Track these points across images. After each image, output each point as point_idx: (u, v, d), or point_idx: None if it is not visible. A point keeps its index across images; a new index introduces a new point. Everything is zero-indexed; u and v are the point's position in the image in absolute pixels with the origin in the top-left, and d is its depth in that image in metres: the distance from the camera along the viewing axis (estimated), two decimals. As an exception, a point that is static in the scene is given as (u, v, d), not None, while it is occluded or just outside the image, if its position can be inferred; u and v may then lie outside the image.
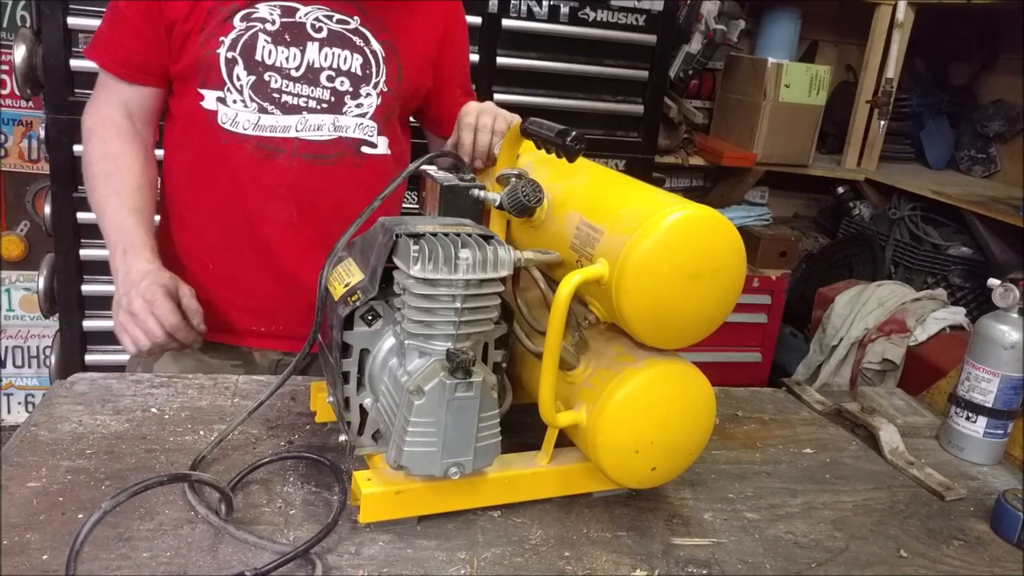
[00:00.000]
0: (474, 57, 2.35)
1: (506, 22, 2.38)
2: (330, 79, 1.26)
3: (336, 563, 0.84)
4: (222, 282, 1.31)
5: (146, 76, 1.27)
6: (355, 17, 1.27)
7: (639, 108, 2.61)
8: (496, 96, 2.40)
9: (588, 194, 0.95)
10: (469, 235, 0.86)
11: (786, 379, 1.51)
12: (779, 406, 1.36)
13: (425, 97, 1.41)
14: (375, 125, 1.30)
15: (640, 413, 0.90)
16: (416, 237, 0.84)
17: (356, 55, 1.27)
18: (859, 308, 2.55)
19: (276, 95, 1.24)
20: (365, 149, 1.29)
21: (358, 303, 0.89)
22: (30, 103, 2.60)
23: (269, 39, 1.22)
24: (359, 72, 1.27)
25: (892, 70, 3.01)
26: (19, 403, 2.84)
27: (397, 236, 0.86)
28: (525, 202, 0.95)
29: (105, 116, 1.28)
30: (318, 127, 1.25)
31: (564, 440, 0.96)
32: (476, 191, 1.02)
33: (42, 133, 2.11)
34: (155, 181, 1.30)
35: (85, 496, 0.89)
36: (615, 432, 0.89)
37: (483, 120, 1.24)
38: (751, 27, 3.29)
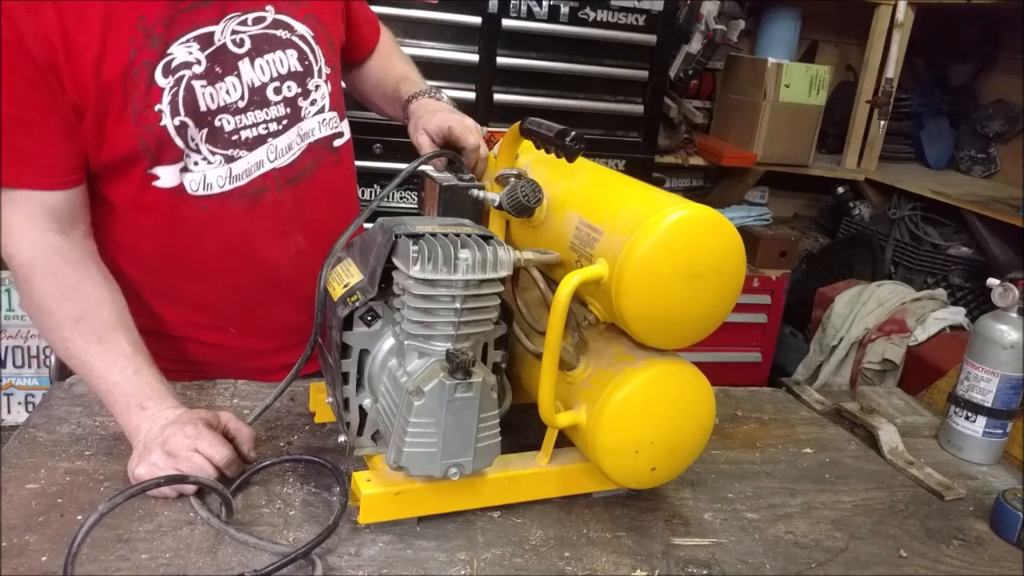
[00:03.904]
0: (474, 57, 2.36)
1: (506, 22, 2.38)
2: (277, 91, 1.12)
3: (336, 564, 0.84)
4: (248, 338, 1.22)
5: (77, 176, 1.05)
6: (267, 7, 1.11)
7: (639, 108, 2.61)
8: (496, 96, 2.40)
9: (588, 194, 0.95)
10: (468, 235, 0.86)
11: (786, 379, 1.51)
12: (779, 406, 1.36)
13: None
14: (335, 113, 1.21)
15: (640, 413, 0.90)
16: (415, 237, 0.84)
17: (289, 51, 1.13)
18: (859, 308, 2.55)
19: (234, 136, 1.10)
20: (336, 142, 1.22)
21: (357, 304, 0.89)
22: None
23: (204, 82, 1.06)
24: (299, 67, 1.14)
25: (892, 70, 3.01)
26: (19, 403, 2.84)
27: (396, 236, 0.86)
28: (524, 202, 0.95)
29: (38, 243, 1.01)
30: (288, 147, 1.15)
31: (564, 440, 0.96)
32: (475, 191, 1.02)
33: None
34: (122, 299, 1.05)
35: (84, 497, 0.89)
36: (615, 432, 0.89)
37: (483, 150, 1.17)
38: (751, 27, 3.29)
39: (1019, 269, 2.72)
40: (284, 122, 1.14)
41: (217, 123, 1.08)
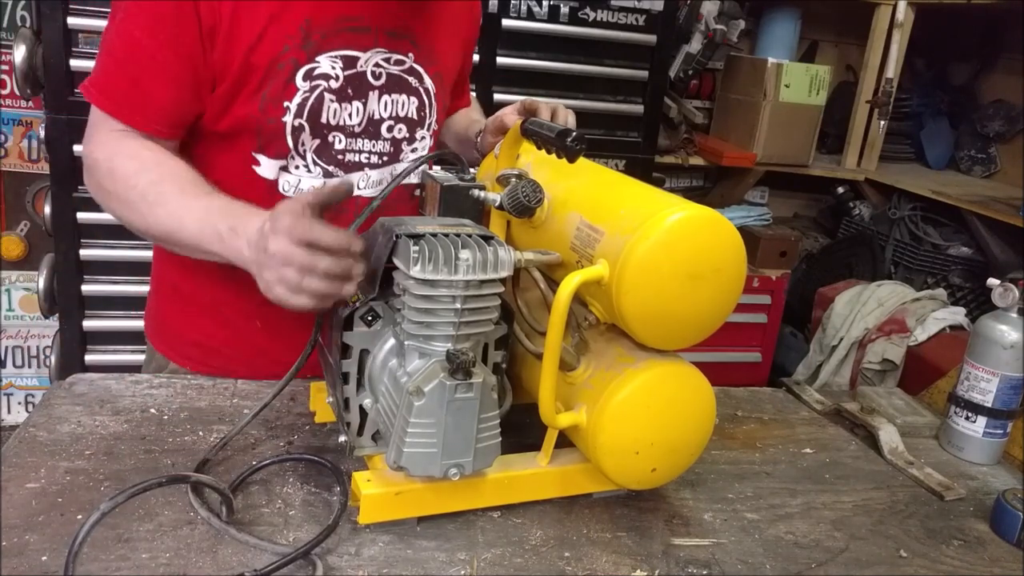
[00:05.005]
0: (474, 57, 2.36)
1: (506, 22, 2.38)
2: (389, 129, 1.17)
3: (336, 564, 0.83)
4: (267, 335, 1.18)
5: (177, 132, 1.08)
6: (409, 54, 1.16)
7: (639, 108, 2.61)
8: (496, 96, 2.40)
9: (588, 194, 0.95)
10: (469, 236, 0.86)
11: (786, 379, 1.51)
12: (779, 406, 1.36)
13: None
14: (426, 166, 1.20)
15: (640, 414, 0.90)
16: (416, 238, 0.84)
17: (412, 98, 1.18)
18: (859, 308, 2.55)
19: (340, 156, 1.14)
20: (416, 192, 1.22)
21: (358, 303, 0.89)
22: (30, 103, 2.60)
23: (334, 97, 1.10)
24: (415, 116, 1.20)
25: (892, 70, 3.01)
26: (19, 403, 2.84)
27: (397, 237, 0.86)
28: (525, 202, 0.95)
29: (119, 139, 1.05)
30: (379, 182, 1.19)
31: (564, 441, 0.96)
32: (476, 191, 1.02)
33: (42, 133, 2.11)
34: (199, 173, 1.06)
35: (84, 497, 0.89)
36: (615, 433, 0.89)
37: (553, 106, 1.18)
38: (751, 27, 3.29)
39: (1019, 269, 2.71)
40: (385, 158, 1.18)
41: (330, 138, 1.12)
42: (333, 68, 1.09)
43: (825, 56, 3.55)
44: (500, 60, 2.40)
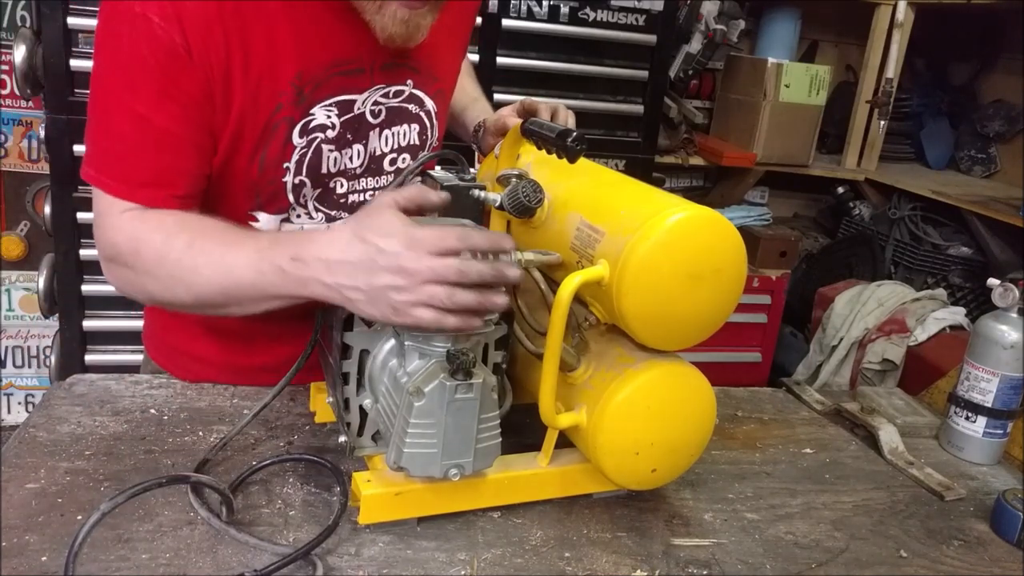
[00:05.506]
0: (474, 57, 2.36)
1: (506, 22, 2.38)
2: (392, 162, 1.13)
3: (336, 564, 0.83)
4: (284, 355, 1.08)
5: (193, 202, 0.99)
6: (408, 81, 1.10)
7: (639, 108, 2.61)
8: (496, 96, 2.40)
9: (589, 195, 0.95)
10: (469, 236, 0.86)
11: (786, 379, 1.51)
12: (779, 406, 1.36)
13: None
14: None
15: (640, 414, 0.90)
16: (416, 238, 0.84)
17: (413, 125, 1.14)
18: (859, 308, 2.55)
19: (342, 199, 1.09)
20: None
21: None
22: (30, 103, 2.60)
23: (332, 147, 1.04)
24: (417, 142, 1.15)
25: (892, 70, 3.01)
26: (19, 403, 2.84)
27: (397, 237, 0.85)
28: (526, 203, 0.95)
29: (135, 217, 0.95)
30: None
31: (564, 441, 0.96)
32: (476, 191, 1.02)
33: (42, 133, 2.11)
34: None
35: (84, 497, 0.89)
36: (615, 433, 0.89)
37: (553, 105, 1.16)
38: (751, 27, 3.29)
39: (1019, 269, 2.71)
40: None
41: (331, 184, 1.07)
42: (328, 117, 1.02)
43: (825, 56, 3.55)
44: (500, 60, 2.40)
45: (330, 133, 1.03)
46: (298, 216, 1.08)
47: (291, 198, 1.04)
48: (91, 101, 0.95)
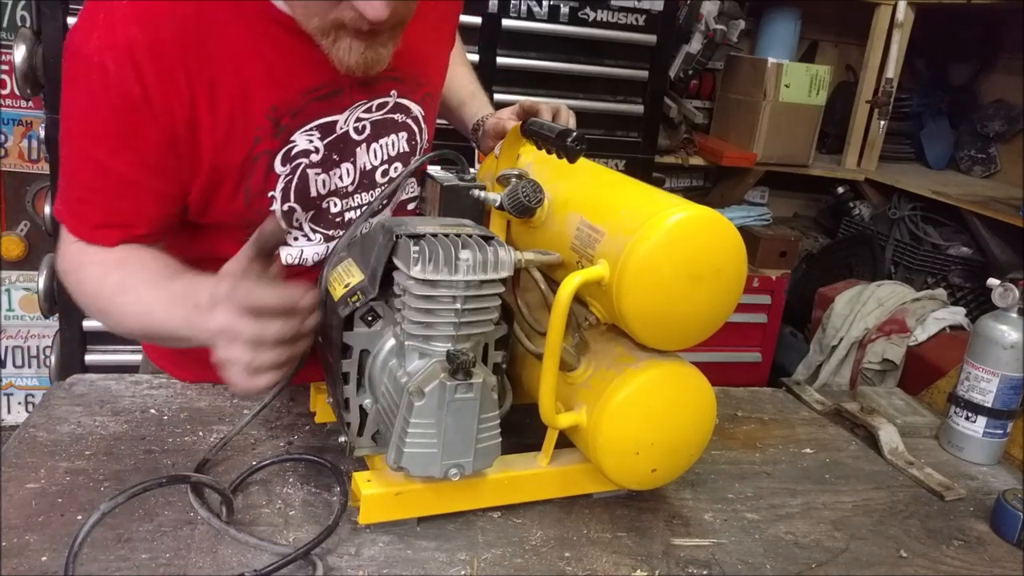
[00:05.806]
0: (474, 57, 2.36)
1: (506, 22, 2.38)
2: (384, 174, 1.11)
3: (336, 564, 0.83)
4: None
5: (158, 239, 1.00)
6: (392, 92, 1.08)
7: (639, 108, 2.61)
8: (496, 96, 2.40)
9: (589, 195, 0.95)
10: (469, 236, 0.86)
11: (786, 379, 1.51)
12: (779, 406, 1.36)
13: None
14: (414, 179, 1.19)
15: (640, 414, 0.90)
16: (416, 238, 0.84)
17: (401, 133, 1.12)
18: (859, 308, 2.55)
19: (337, 218, 1.09)
20: (410, 206, 1.21)
21: (358, 304, 0.89)
22: (30, 103, 2.59)
23: (319, 170, 1.03)
24: (407, 148, 1.13)
25: (892, 70, 3.01)
26: (19, 403, 2.84)
27: (397, 237, 0.86)
28: (526, 203, 0.95)
29: (83, 248, 0.97)
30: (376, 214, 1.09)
31: (564, 441, 0.96)
32: (476, 191, 1.02)
33: (42, 133, 2.11)
34: (165, 254, 0.99)
35: (84, 497, 0.89)
36: (615, 433, 0.89)
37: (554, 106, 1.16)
38: (751, 27, 3.29)
39: (1019, 269, 2.71)
40: (385, 201, 1.12)
41: (324, 205, 1.07)
42: (311, 141, 1.01)
43: (825, 56, 3.55)
44: (500, 60, 2.40)
45: (314, 157, 1.02)
46: (295, 239, 1.08)
47: (283, 224, 1.04)
48: (59, 142, 0.96)
